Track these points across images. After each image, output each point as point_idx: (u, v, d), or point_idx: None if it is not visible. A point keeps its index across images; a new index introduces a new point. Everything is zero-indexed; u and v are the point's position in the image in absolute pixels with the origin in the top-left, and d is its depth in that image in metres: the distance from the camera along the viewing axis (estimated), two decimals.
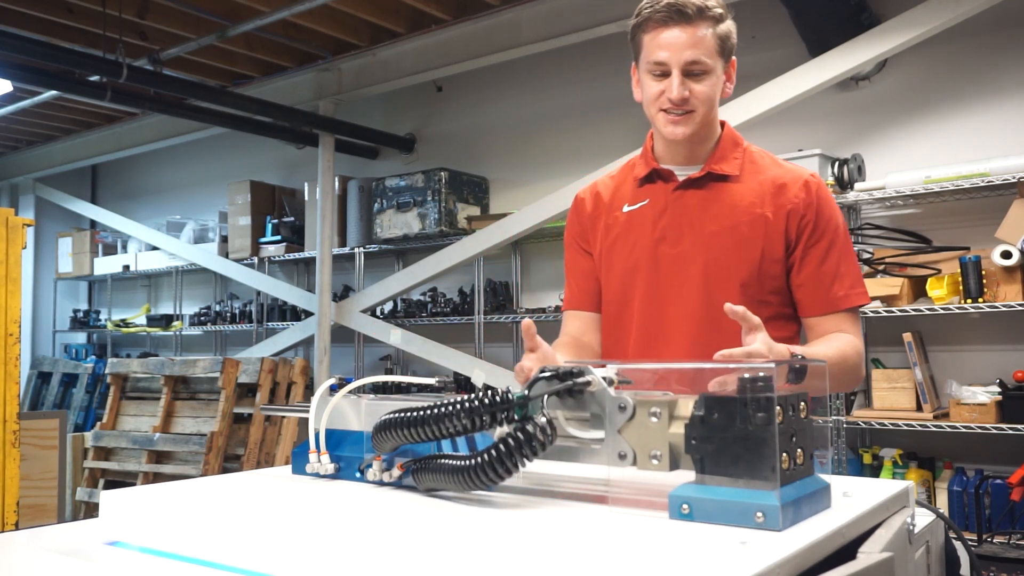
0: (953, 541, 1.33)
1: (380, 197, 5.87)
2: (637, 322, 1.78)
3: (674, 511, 1.01)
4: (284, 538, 0.99)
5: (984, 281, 3.79)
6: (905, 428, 3.92)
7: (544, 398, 1.09)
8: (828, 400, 3.87)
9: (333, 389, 1.39)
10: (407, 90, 6.09)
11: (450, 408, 1.13)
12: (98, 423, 4.98)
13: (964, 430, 3.79)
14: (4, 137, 8.17)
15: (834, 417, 4.04)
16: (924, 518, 1.21)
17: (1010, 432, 3.70)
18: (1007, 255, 3.72)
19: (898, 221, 4.32)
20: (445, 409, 1.13)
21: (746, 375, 0.98)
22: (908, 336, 3.99)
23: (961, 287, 3.85)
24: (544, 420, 1.06)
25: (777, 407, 0.95)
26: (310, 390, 4.73)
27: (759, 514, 0.95)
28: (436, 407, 1.14)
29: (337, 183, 6.16)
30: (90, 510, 4.68)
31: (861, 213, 4.33)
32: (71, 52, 5.17)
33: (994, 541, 3.67)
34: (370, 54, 5.71)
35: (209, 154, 7.73)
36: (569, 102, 5.62)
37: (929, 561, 1.19)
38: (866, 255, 4.14)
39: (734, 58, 1.74)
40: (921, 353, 4.01)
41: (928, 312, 3.95)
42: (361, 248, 6.11)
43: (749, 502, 0.96)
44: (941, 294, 3.90)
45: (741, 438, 0.97)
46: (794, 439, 1.00)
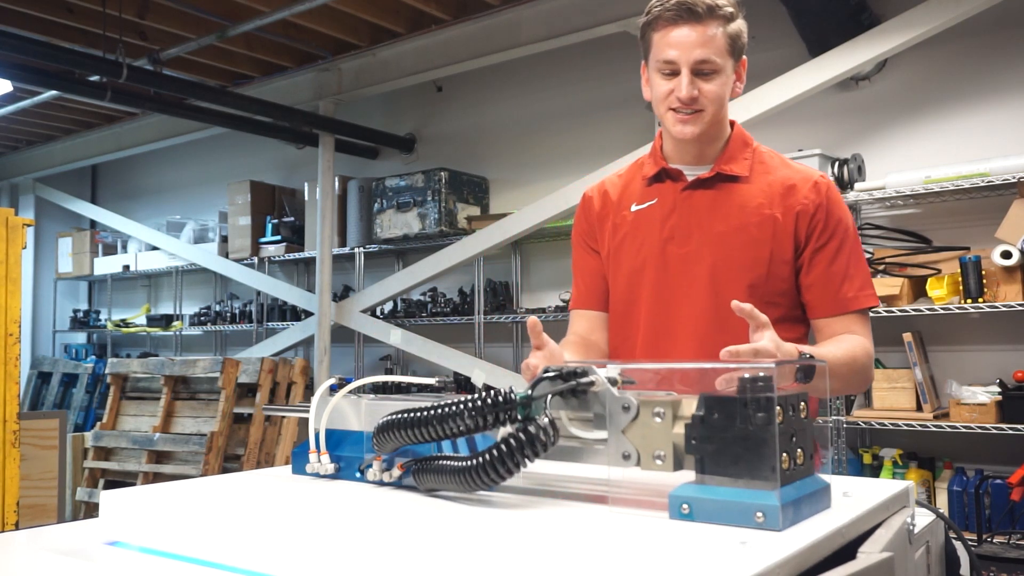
0: (953, 541, 1.33)
1: (380, 197, 5.87)
2: (645, 322, 1.77)
3: (674, 511, 1.01)
4: (284, 538, 0.99)
5: (984, 281, 3.79)
6: (905, 428, 3.92)
7: (547, 398, 1.09)
8: (828, 400, 3.87)
9: (333, 389, 1.39)
10: (407, 90, 6.09)
11: (453, 408, 1.12)
12: (98, 423, 4.98)
13: (964, 430, 3.79)
14: (4, 137, 8.17)
15: (834, 417, 4.05)
16: (924, 518, 1.21)
17: (1010, 432, 3.70)
18: (1007, 255, 3.72)
19: (898, 221, 4.32)
20: (448, 409, 1.13)
21: (746, 375, 0.98)
22: (908, 336, 3.99)
23: (961, 287, 3.85)
24: (546, 421, 1.06)
25: (777, 407, 0.95)
26: (310, 390, 4.73)
27: (759, 514, 0.95)
28: (439, 407, 1.14)
29: (337, 183, 6.16)
30: (90, 510, 4.68)
31: (861, 213, 4.33)
32: (71, 52, 5.17)
33: (994, 541, 3.67)
34: (370, 54, 5.71)
35: (209, 154, 7.73)
36: (569, 102, 5.62)
37: (929, 561, 1.19)
38: (866, 255, 4.14)
39: (744, 57, 1.73)
40: (921, 353, 4.01)
41: (928, 312, 3.95)
42: (361, 248, 6.11)
43: (749, 502, 0.96)
44: (941, 294, 3.90)
45: (741, 438, 0.97)
46: (794, 439, 1.00)
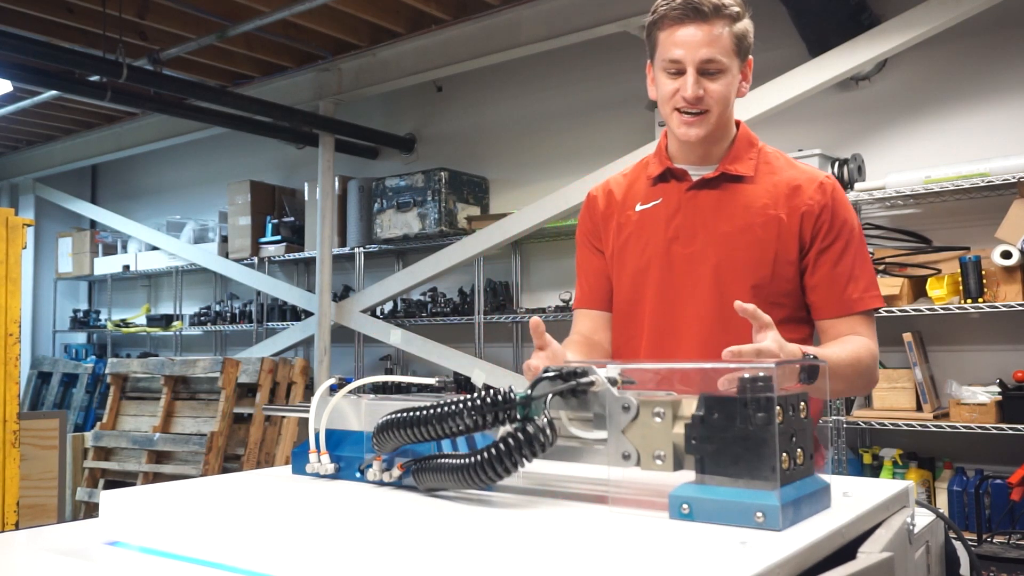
0: (953, 541, 1.33)
1: (380, 197, 5.87)
2: (649, 322, 1.77)
3: (674, 511, 1.01)
4: (284, 538, 0.99)
5: (984, 281, 3.79)
6: (905, 428, 3.92)
7: (547, 398, 1.09)
8: (827, 400, 3.87)
9: (333, 389, 1.39)
10: (407, 90, 6.09)
11: (453, 408, 1.13)
12: (98, 423, 4.98)
13: (964, 430, 3.79)
14: (4, 137, 8.17)
15: (834, 417, 4.04)
16: (924, 518, 1.21)
17: (1010, 432, 3.70)
18: (1007, 255, 3.72)
19: (898, 221, 4.32)
20: (448, 409, 1.13)
21: (746, 375, 0.98)
22: (908, 336, 3.99)
23: (961, 287, 3.85)
24: (545, 421, 1.06)
25: (777, 407, 0.95)
26: (310, 390, 4.73)
27: (759, 514, 0.95)
28: (439, 407, 1.14)
29: (337, 183, 6.16)
30: (90, 510, 4.68)
31: (861, 213, 4.32)
32: (71, 52, 5.17)
33: (994, 541, 3.67)
34: (370, 54, 5.71)
35: (209, 154, 7.74)
36: (569, 102, 5.62)
37: (929, 561, 1.19)
38: None
39: (751, 57, 1.72)
40: (921, 353, 4.01)
41: (928, 312, 3.95)
42: (361, 248, 6.11)
43: (749, 502, 0.96)
44: (941, 294, 3.90)
45: (741, 438, 0.97)
46: (794, 439, 1.00)
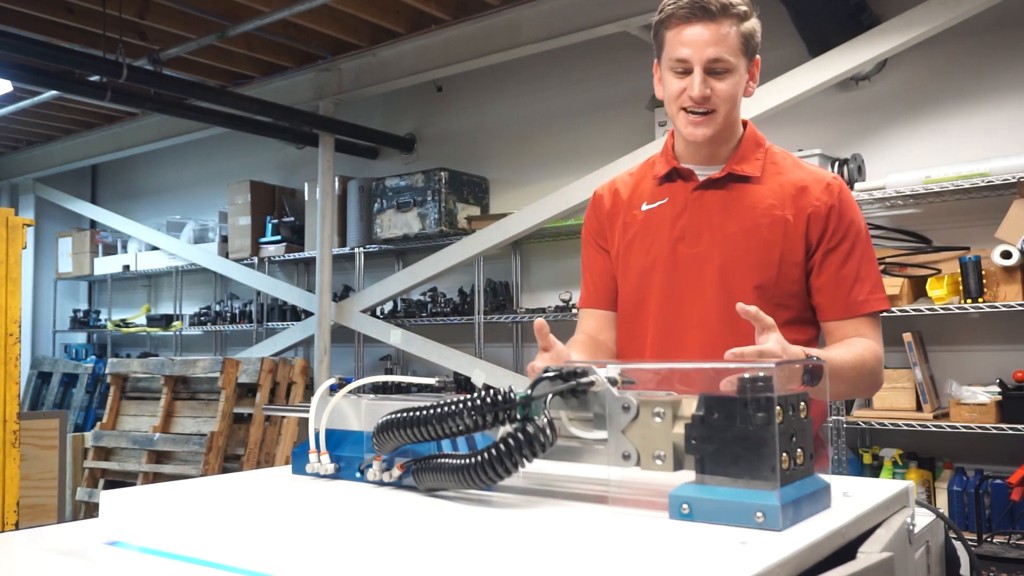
0: (953, 541, 1.33)
1: (380, 197, 5.87)
2: (653, 322, 1.76)
3: (674, 511, 1.01)
4: (284, 538, 0.99)
5: (984, 281, 3.79)
6: (905, 428, 3.92)
7: (547, 398, 1.09)
8: (828, 401, 3.87)
9: (333, 389, 1.39)
10: (407, 90, 6.09)
11: (453, 408, 1.13)
12: (98, 423, 4.98)
13: (964, 430, 3.79)
14: (4, 137, 8.17)
15: (834, 417, 4.04)
16: (924, 518, 1.21)
17: (1010, 432, 3.70)
18: (1007, 255, 3.71)
19: (898, 221, 4.32)
20: (448, 408, 1.13)
21: (746, 375, 0.98)
22: (908, 336, 3.99)
23: (961, 287, 3.85)
24: (545, 421, 1.06)
25: (777, 407, 0.95)
26: (310, 390, 4.73)
27: (759, 514, 0.95)
28: (439, 406, 1.14)
29: (337, 183, 6.16)
30: (90, 510, 4.68)
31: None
32: (71, 52, 5.17)
33: (994, 541, 3.67)
34: (370, 54, 5.71)
35: (209, 154, 7.74)
36: (569, 102, 5.62)
37: (929, 561, 1.19)
38: None
39: (758, 57, 1.72)
40: (921, 353, 4.01)
41: (928, 312, 3.95)
42: (361, 248, 6.11)
43: (749, 502, 0.96)
44: (941, 294, 3.90)
45: (741, 438, 0.97)
46: (794, 439, 1.00)
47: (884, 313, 1.75)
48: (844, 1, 4.11)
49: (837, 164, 4.17)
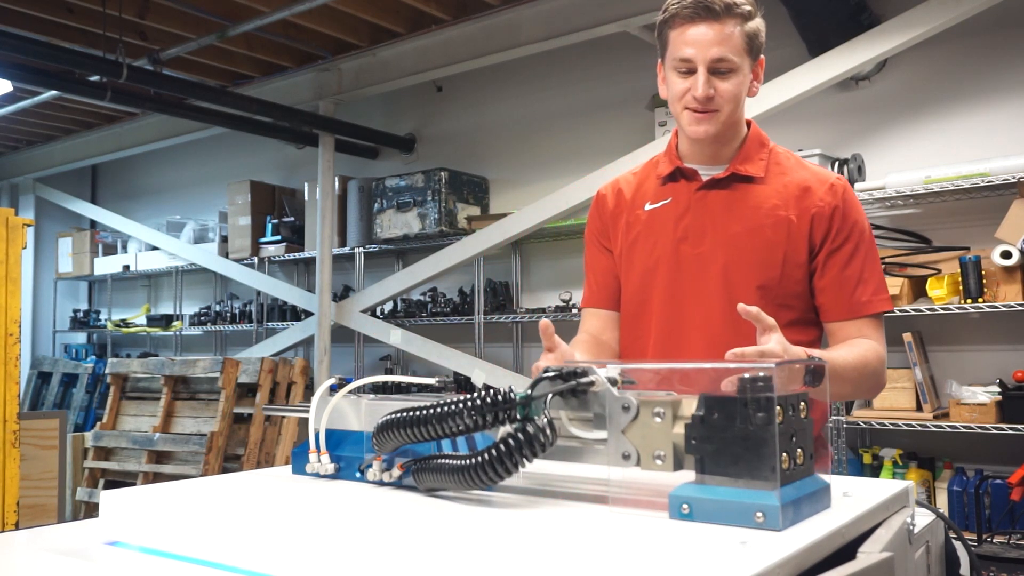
0: (953, 541, 1.33)
1: (380, 197, 5.87)
2: (656, 322, 1.76)
3: (674, 511, 1.01)
4: (284, 538, 0.99)
5: (984, 281, 3.79)
6: (905, 428, 3.92)
7: (547, 398, 1.09)
8: (828, 402, 3.87)
9: (333, 389, 1.39)
10: (407, 90, 6.09)
11: (452, 408, 1.12)
12: (98, 423, 4.98)
13: (964, 430, 3.79)
14: (4, 137, 8.17)
15: (834, 417, 4.04)
16: (924, 518, 1.21)
17: (1010, 432, 3.70)
18: (1007, 255, 3.71)
19: (898, 221, 4.32)
20: (448, 409, 1.13)
21: (746, 375, 0.98)
22: (908, 336, 3.99)
23: (961, 287, 3.85)
24: (545, 421, 1.06)
25: (777, 407, 0.95)
26: (310, 390, 4.73)
27: (759, 514, 0.95)
28: (439, 406, 1.14)
29: (337, 183, 6.16)
30: (90, 510, 4.68)
31: None
32: (71, 52, 5.17)
33: (994, 541, 3.67)
34: (370, 54, 5.71)
35: (209, 154, 7.74)
36: (569, 102, 5.62)
37: (929, 561, 1.19)
38: None
39: (762, 56, 1.71)
40: (921, 353, 4.01)
41: (928, 312, 3.95)
42: (361, 248, 6.11)
43: (749, 502, 0.96)
44: (941, 294, 3.90)
45: (741, 438, 0.97)
46: (794, 439, 1.00)
47: (887, 314, 1.75)
48: (844, 1, 4.11)
49: (837, 164, 4.17)
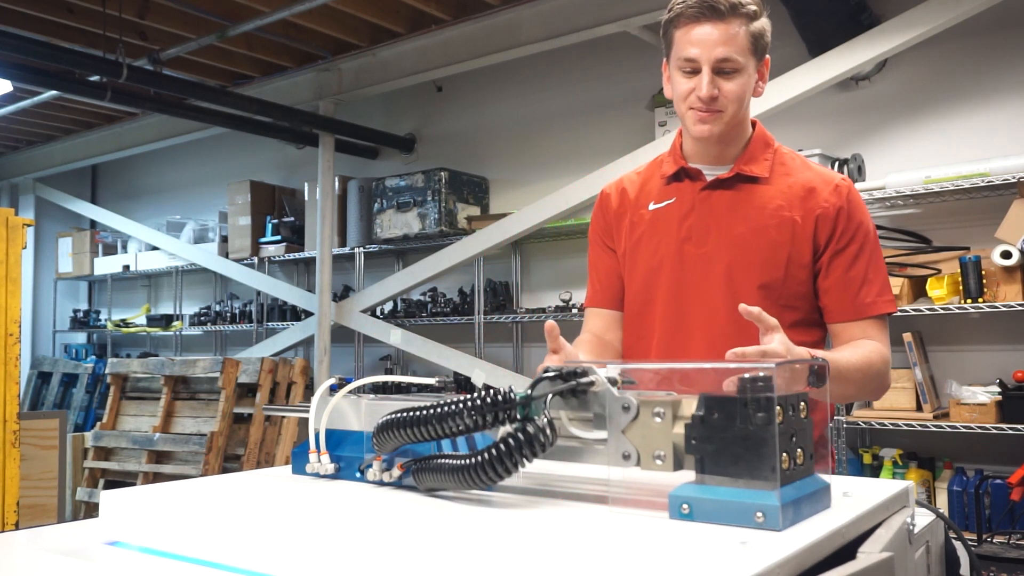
0: (953, 541, 1.33)
1: (380, 197, 5.87)
2: (660, 322, 1.76)
3: (674, 511, 1.01)
4: (284, 538, 0.99)
5: (984, 281, 3.79)
6: (905, 428, 3.92)
7: (547, 398, 1.09)
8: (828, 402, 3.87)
9: (333, 389, 1.39)
10: (407, 90, 6.09)
11: (452, 408, 1.12)
12: (98, 423, 4.98)
13: (964, 430, 3.79)
14: (4, 137, 8.17)
15: (834, 417, 4.04)
16: (924, 518, 1.21)
17: (1010, 432, 3.70)
18: (1007, 255, 3.72)
19: (898, 221, 4.32)
20: (448, 409, 1.13)
21: (746, 375, 0.98)
22: (908, 336, 3.99)
23: (961, 287, 3.85)
24: (545, 421, 1.06)
25: (777, 407, 0.95)
26: (310, 390, 4.73)
27: (759, 514, 0.95)
28: (439, 406, 1.14)
29: (337, 183, 6.17)
30: (90, 510, 4.68)
31: None
32: (71, 52, 5.17)
33: (994, 541, 3.67)
34: (370, 54, 5.71)
35: (209, 154, 7.74)
36: (569, 102, 5.62)
37: (929, 561, 1.19)
38: None
39: (768, 56, 1.70)
40: (921, 353, 4.01)
41: (928, 312, 3.95)
42: (361, 248, 6.11)
43: (749, 502, 0.96)
44: (941, 294, 3.90)
45: (741, 438, 0.97)
46: (794, 439, 1.00)
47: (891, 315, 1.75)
48: (844, 1, 4.11)
49: (837, 164, 4.17)
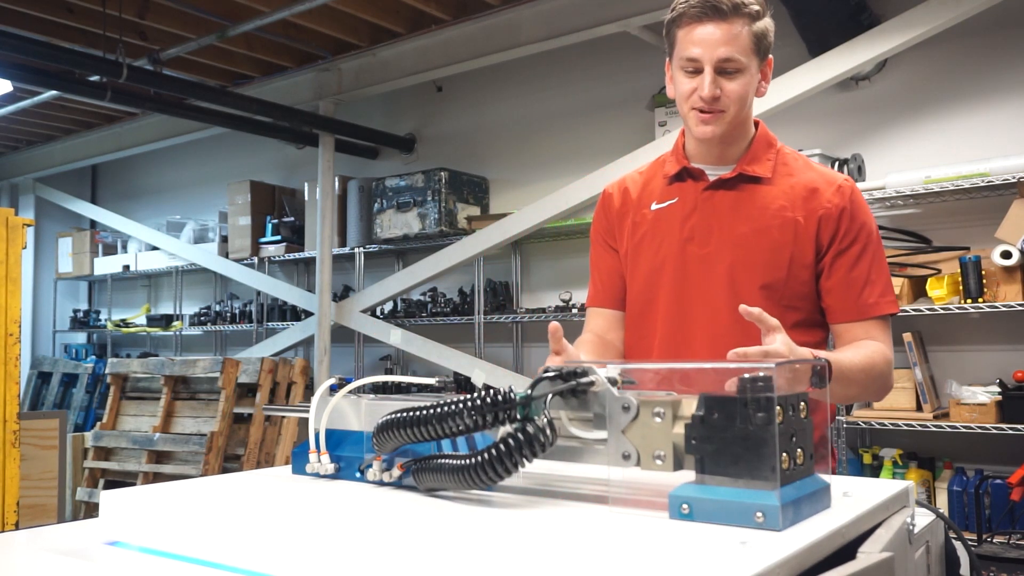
0: (953, 541, 1.33)
1: (380, 197, 5.87)
2: (662, 322, 1.76)
3: (674, 511, 1.01)
4: (284, 538, 0.99)
5: (984, 281, 3.79)
6: (905, 428, 3.92)
7: (547, 398, 1.09)
8: (828, 402, 3.87)
9: (333, 389, 1.39)
10: (407, 90, 6.09)
11: (453, 408, 1.12)
12: (98, 423, 4.98)
13: (964, 430, 3.79)
14: (4, 137, 8.17)
15: (835, 418, 4.04)
16: (924, 518, 1.21)
17: (1010, 432, 3.70)
18: (1007, 255, 3.72)
19: (898, 221, 4.32)
20: (448, 409, 1.13)
21: (746, 375, 0.98)
22: (908, 336, 3.99)
23: (961, 287, 3.85)
24: (545, 421, 1.06)
25: (777, 407, 0.95)
26: (310, 390, 4.73)
27: (759, 514, 0.95)
28: (439, 406, 1.14)
29: (337, 183, 6.17)
30: (90, 510, 4.68)
31: None
32: (71, 52, 5.17)
33: (994, 541, 3.67)
34: (370, 54, 5.71)
35: (209, 154, 7.74)
36: (569, 102, 5.62)
37: (929, 561, 1.19)
38: None
39: (771, 56, 1.70)
40: (921, 353, 4.01)
41: (928, 312, 3.95)
42: (361, 248, 6.11)
43: (749, 502, 0.96)
44: (941, 294, 3.90)
45: (741, 438, 0.97)
46: (794, 439, 1.00)
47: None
48: (844, 1, 4.11)
49: (837, 164, 4.17)
